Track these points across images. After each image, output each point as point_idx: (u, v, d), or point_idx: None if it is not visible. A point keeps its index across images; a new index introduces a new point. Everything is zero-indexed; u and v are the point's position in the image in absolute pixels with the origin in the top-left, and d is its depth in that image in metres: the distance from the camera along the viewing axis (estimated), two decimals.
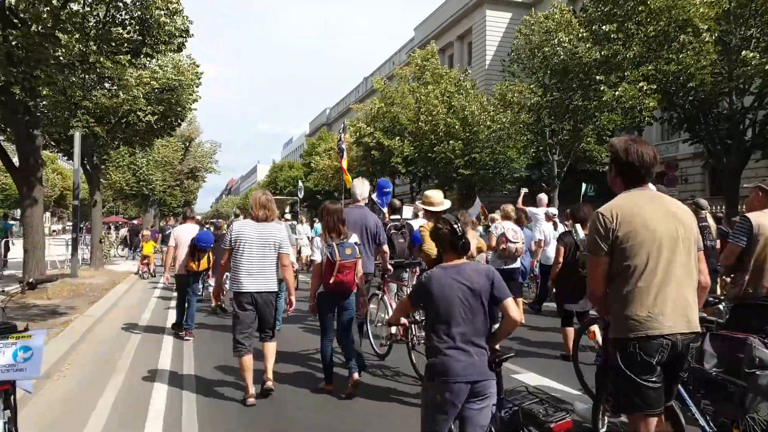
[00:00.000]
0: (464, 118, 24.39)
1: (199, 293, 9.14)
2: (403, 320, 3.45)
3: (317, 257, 5.15)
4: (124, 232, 28.89)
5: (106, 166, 33.93)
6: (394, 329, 5.92)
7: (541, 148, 20.75)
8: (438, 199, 5.84)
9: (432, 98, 25.54)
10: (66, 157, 19.10)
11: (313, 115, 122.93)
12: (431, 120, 25.20)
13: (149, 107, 15.44)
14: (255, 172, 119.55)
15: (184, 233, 8.12)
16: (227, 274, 6.03)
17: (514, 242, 7.81)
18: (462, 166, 24.49)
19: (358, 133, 32.37)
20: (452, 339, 2.81)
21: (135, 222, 41.15)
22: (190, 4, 16.89)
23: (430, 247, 4.67)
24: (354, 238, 5.22)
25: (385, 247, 6.21)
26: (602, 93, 16.03)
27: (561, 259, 6.05)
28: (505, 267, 7.73)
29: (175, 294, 9.21)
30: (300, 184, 38.10)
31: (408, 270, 7.18)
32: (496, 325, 3.03)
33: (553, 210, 10.60)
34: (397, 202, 9.01)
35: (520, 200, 10.27)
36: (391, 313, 5.83)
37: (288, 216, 21.36)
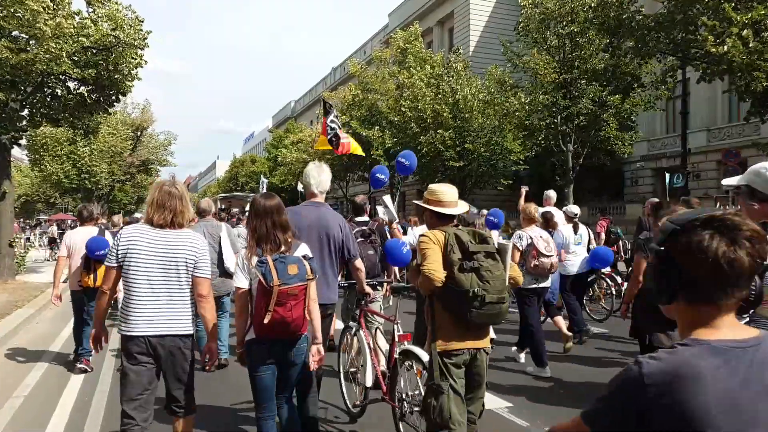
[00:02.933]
0: (455, 104, 21.53)
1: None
2: None
3: (241, 282, 3.42)
4: (52, 231, 24.70)
5: (40, 154, 29.99)
6: (369, 380, 4.44)
7: (550, 137, 17.96)
8: (451, 197, 3.67)
9: (417, 81, 22.61)
10: None
11: (274, 109, 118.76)
12: (416, 106, 22.24)
13: (76, 71, 11.92)
14: (214, 168, 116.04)
15: (80, 239, 6.37)
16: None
17: (548, 255, 6.23)
18: (452, 158, 21.57)
19: None
20: None
21: (71, 218, 36.70)
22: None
23: (433, 269, 3.17)
24: (302, 250, 3.56)
25: (359, 262, 4.53)
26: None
27: (641, 276, 4.50)
28: (536, 286, 6.27)
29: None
30: (262, 179, 34.64)
31: (379, 289, 5.68)
32: None
33: (574, 209, 8.58)
34: (360, 199, 6.59)
35: (522, 200, 8.97)
36: (369, 356, 4.55)
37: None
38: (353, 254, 4.43)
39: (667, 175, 14.13)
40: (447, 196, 3.59)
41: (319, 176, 4.33)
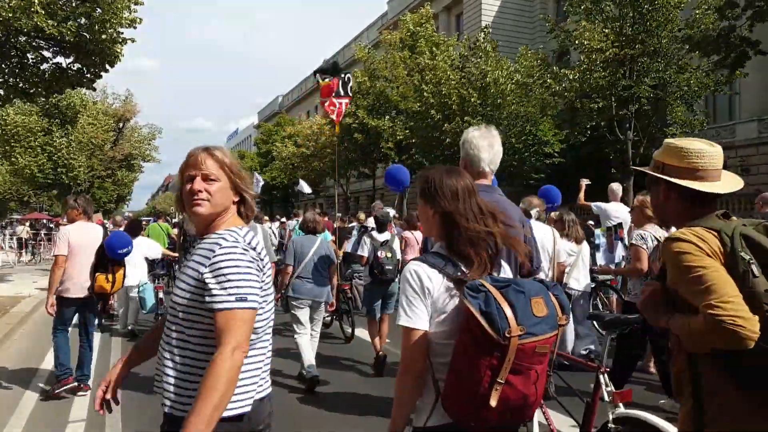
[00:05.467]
0: (484, 88, 19.20)
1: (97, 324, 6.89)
2: None
3: (418, 320, 1.83)
4: (21, 230, 21.59)
5: (11, 145, 26.95)
6: None
7: (602, 123, 15.69)
8: (716, 162, 1.90)
9: (440, 63, 20.25)
10: None
11: (256, 105, 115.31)
12: (439, 91, 19.86)
13: (51, 24, 9.32)
14: None
15: (81, 235, 5.43)
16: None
17: None
18: None
19: None
20: None
21: (46, 217, 33.69)
22: None
23: (739, 313, 1.57)
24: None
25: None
26: None
27: None
28: None
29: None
30: (257, 176, 32.02)
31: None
32: None
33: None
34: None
35: (581, 194, 8.35)
36: None
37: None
38: (537, 264, 2.97)
39: None
40: (709, 159, 1.92)
41: (492, 147, 2.96)
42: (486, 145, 2.96)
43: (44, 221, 40.03)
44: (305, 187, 20.34)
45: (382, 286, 6.40)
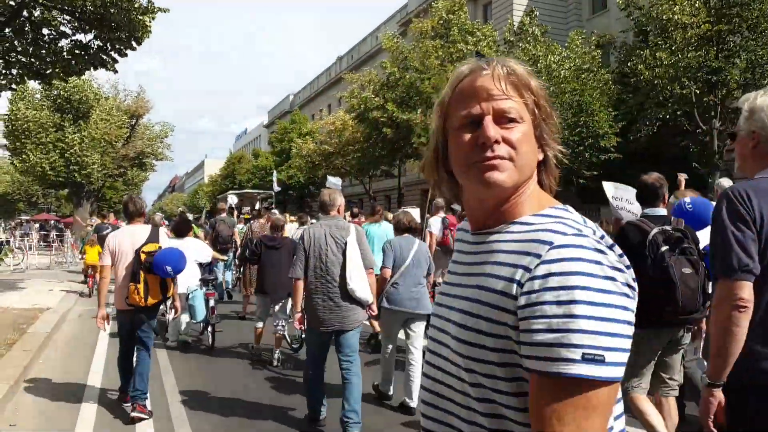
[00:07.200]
0: (535, 74, 17.59)
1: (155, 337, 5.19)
2: None
3: None
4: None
5: (21, 141, 25.49)
6: None
7: (679, 112, 14.05)
8: None
9: (485, 49, 18.72)
10: None
11: (262, 106, 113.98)
12: None
13: None
14: (202, 168, 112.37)
15: (128, 241, 4.84)
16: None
17: None
18: None
19: (363, 106, 25.06)
20: None
21: (54, 218, 32.24)
22: None
23: None
24: None
25: None
26: None
27: None
28: None
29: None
30: (275, 175, 30.58)
31: None
32: None
33: None
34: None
35: (682, 187, 7.19)
36: None
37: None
38: None
39: None
40: None
41: None
42: None
43: (51, 222, 38.74)
44: (335, 181, 18.97)
45: None
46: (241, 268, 10.78)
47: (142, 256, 4.70)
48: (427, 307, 5.19)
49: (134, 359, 4.92)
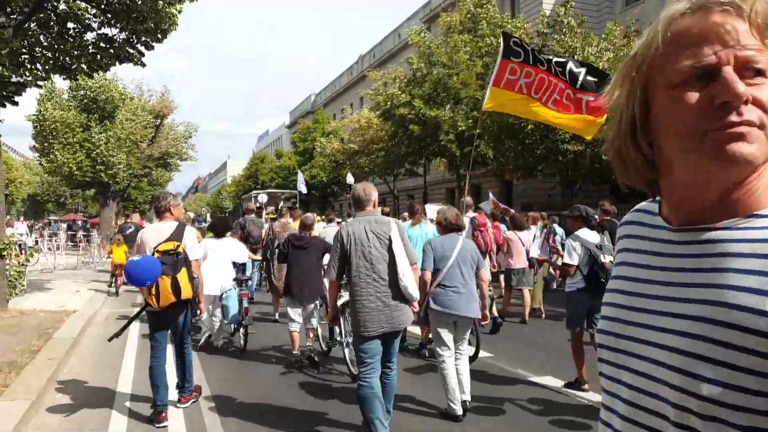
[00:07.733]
0: None
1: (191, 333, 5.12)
2: None
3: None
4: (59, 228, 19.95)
5: (49, 141, 25.58)
6: None
7: None
8: None
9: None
10: None
11: (283, 107, 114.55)
12: None
13: None
14: (225, 169, 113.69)
15: (152, 237, 4.68)
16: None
17: None
18: (565, 140, 16.89)
19: (389, 103, 24.55)
20: None
21: (82, 218, 32.38)
22: None
23: None
24: None
25: None
26: None
27: None
28: None
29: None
30: (300, 175, 30.34)
31: None
32: None
33: None
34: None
35: None
36: None
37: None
38: None
39: None
40: None
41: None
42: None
43: (79, 222, 39.03)
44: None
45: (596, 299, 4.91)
46: (263, 269, 10.53)
47: (156, 255, 4.45)
48: (475, 310, 4.78)
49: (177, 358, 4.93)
